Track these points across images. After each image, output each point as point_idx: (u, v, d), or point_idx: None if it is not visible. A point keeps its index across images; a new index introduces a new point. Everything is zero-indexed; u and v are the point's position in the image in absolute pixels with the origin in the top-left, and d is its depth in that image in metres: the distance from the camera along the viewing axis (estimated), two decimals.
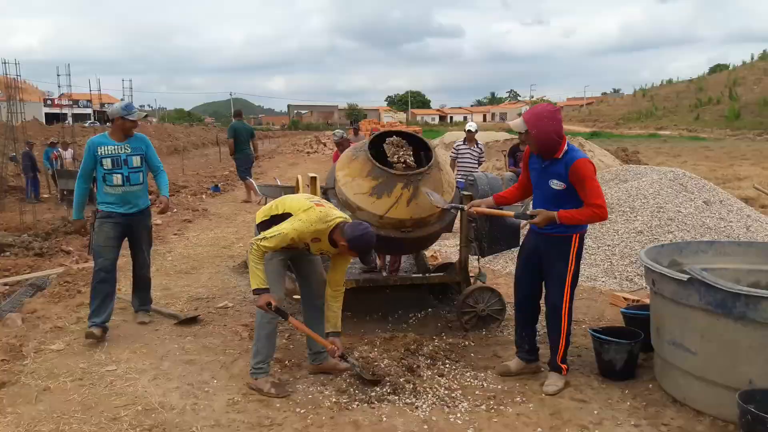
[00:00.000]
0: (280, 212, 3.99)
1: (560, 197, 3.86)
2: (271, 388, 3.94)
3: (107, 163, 5.00)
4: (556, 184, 3.86)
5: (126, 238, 5.25)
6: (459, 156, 9.58)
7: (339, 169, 5.04)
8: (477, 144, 9.69)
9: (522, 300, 4.26)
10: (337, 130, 9.74)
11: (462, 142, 9.72)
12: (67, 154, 16.61)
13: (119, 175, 5.02)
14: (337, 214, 3.91)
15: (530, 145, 3.93)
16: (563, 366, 4.07)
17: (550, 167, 3.88)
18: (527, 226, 4.19)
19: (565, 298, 3.95)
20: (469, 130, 9.71)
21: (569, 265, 3.93)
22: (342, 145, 8.79)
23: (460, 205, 4.60)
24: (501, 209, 4.28)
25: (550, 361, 4.12)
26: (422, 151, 5.14)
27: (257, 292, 3.85)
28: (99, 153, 5.00)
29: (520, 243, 4.51)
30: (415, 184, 4.67)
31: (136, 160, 5.11)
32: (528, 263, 4.17)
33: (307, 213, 3.83)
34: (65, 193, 13.89)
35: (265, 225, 4.05)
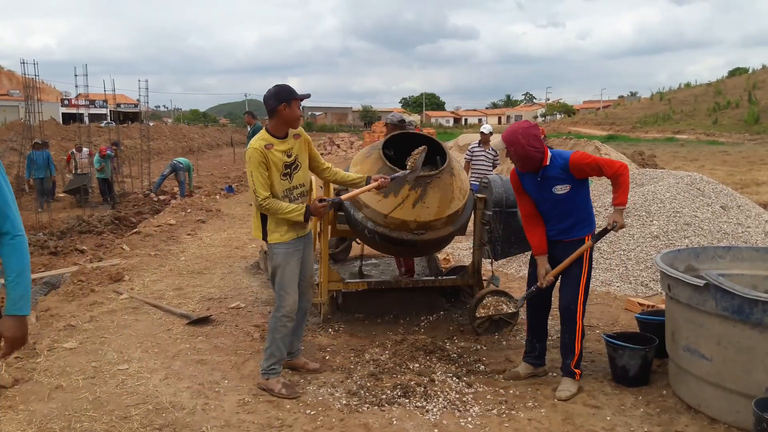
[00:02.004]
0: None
1: (567, 200, 3.91)
2: (282, 389, 3.94)
3: None
4: (560, 189, 3.90)
5: None
6: (473, 158, 9.54)
7: (353, 166, 5.04)
8: (491, 146, 9.64)
9: (536, 307, 4.24)
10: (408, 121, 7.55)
11: (477, 145, 9.68)
12: (83, 155, 16.53)
13: None
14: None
15: (514, 162, 3.97)
16: (577, 371, 4.03)
17: (546, 177, 3.92)
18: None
19: (579, 299, 3.97)
20: (483, 133, 9.66)
21: (584, 266, 3.97)
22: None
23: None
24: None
25: (563, 366, 4.09)
26: (438, 155, 5.10)
27: (306, 216, 3.86)
28: None
29: None
30: (424, 186, 4.63)
31: None
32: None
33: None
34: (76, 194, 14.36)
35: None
